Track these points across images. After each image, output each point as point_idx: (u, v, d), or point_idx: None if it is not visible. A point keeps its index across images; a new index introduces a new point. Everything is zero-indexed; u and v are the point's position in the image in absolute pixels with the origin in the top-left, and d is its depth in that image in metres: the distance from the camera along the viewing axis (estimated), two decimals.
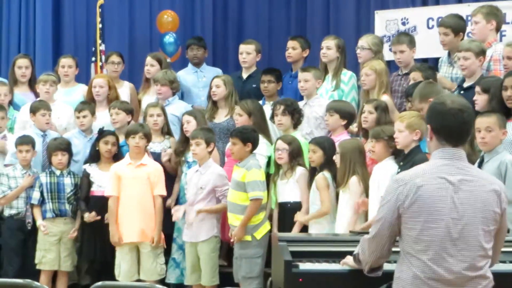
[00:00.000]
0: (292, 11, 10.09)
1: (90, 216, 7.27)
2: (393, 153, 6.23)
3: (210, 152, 7.13)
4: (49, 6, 10.05)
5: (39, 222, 7.35)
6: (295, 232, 6.58)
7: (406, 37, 7.60)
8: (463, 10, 7.85)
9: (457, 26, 7.29)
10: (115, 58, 8.70)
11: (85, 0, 10.12)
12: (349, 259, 4.15)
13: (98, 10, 9.43)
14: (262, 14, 10.22)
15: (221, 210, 7.04)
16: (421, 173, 3.67)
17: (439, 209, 3.59)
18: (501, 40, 7.56)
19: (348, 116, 7.05)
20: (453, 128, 3.65)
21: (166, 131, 7.77)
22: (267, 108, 7.67)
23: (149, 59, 8.55)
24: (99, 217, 7.28)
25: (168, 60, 9.35)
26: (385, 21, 8.81)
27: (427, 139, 3.79)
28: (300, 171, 6.83)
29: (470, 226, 3.59)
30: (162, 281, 7.38)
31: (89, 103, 7.93)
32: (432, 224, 3.58)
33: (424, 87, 6.44)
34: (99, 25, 9.37)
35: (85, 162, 7.53)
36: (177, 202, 7.57)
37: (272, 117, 7.38)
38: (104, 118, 7.90)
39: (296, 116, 7.25)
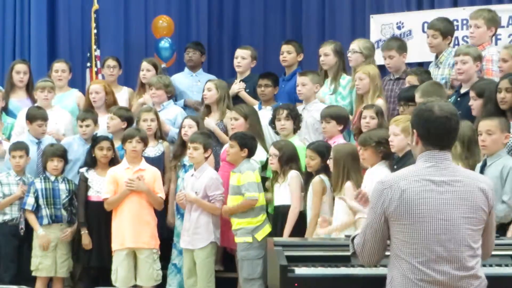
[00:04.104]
0: (288, 16, 10.08)
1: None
2: (384, 157, 6.20)
3: (207, 157, 7.12)
4: (44, 11, 10.04)
5: (39, 231, 7.28)
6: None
7: (395, 42, 7.62)
8: (459, 14, 7.87)
9: (446, 29, 7.32)
10: (110, 62, 8.70)
11: (80, 6, 10.12)
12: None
13: (93, 16, 9.43)
14: (257, 18, 10.21)
15: (213, 210, 7.01)
16: (405, 176, 3.66)
17: (424, 211, 3.58)
18: (496, 43, 7.59)
19: (343, 121, 7.08)
20: (440, 135, 3.65)
21: (159, 136, 7.76)
22: (265, 113, 7.68)
23: (145, 64, 8.54)
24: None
25: (164, 65, 9.37)
26: (381, 25, 8.82)
27: (412, 144, 3.78)
28: (291, 174, 6.82)
29: (457, 226, 3.58)
30: (161, 287, 7.38)
31: (92, 112, 7.89)
32: (419, 227, 3.58)
33: (430, 86, 6.51)
34: (94, 31, 9.37)
35: (79, 169, 7.50)
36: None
37: (272, 122, 7.38)
38: (103, 124, 7.90)
39: (297, 121, 7.28)
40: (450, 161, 3.69)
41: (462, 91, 6.66)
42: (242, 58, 8.41)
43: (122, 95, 8.57)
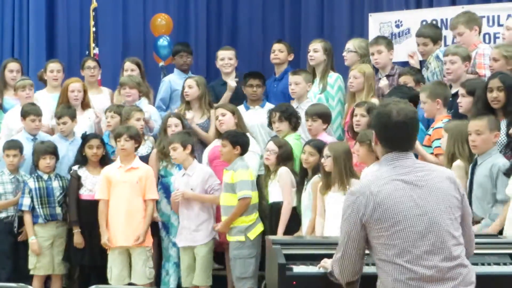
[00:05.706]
0: (286, 15, 10.09)
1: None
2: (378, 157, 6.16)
3: (192, 154, 7.12)
4: (43, 9, 10.04)
5: (31, 239, 7.24)
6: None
7: (384, 40, 7.73)
8: (457, 12, 7.84)
9: (436, 35, 7.47)
10: (90, 63, 8.56)
11: (78, 4, 10.11)
12: (327, 263, 4.08)
13: (92, 14, 9.44)
14: (256, 17, 10.22)
15: (213, 201, 7.05)
16: (374, 181, 3.69)
17: (401, 210, 3.61)
18: (495, 42, 7.61)
19: (328, 119, 7.15)
20: (397, 140, 3.71)
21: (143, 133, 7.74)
22: (253, 113, 7.76)
23: (128, 64, 8.46)
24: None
25: (162, 63, 9.37)
26: (379, 24, 8.80)
27: (372, 143, 3.84)
28: (280, 171, 6.83)
29: (435, 218, 3.61)
30: (157, 285, 7.39)
31: (68, 108, 7.80)
32: (398, 227, 3.60)
33: (437, 86, 6.60)
34: (93, 29, 9.38)
35: (71, 166, 7.45)
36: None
37: (270, 124, 7.39)
38: (80, 122, 7.85)
39: (293, 120, 7.27)
40: (412, 158, 3.74)
41: (453, 91, 6.68)
42: (229, 59, 8.41)
43: (104, 96, 8.53)
